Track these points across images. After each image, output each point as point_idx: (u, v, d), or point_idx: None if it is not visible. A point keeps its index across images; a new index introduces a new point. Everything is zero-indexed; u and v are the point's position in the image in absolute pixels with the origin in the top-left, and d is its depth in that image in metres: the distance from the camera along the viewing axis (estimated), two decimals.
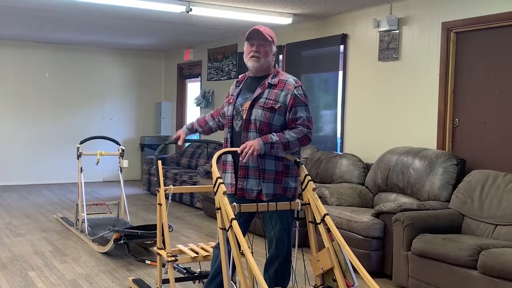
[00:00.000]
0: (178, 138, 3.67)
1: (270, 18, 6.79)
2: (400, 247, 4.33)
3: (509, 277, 3.48)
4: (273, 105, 3.16)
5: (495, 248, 3.75)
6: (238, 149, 3.10)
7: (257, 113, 3.17)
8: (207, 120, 3.67)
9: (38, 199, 8.59)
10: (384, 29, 5.89)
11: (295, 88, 3.18)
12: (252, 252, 2.72)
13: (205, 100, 9.67)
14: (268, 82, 3.22)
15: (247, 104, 3.22)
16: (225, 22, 7.36)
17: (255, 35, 3.23)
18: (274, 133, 3.12)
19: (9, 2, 6.39)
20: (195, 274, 4.16)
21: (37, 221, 6.91)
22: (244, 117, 3.21)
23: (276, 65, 3.35)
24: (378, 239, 4.70)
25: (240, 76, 3.45)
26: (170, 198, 3.77)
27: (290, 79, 3.24)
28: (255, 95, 3.21)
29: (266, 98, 3.18)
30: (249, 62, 3.26)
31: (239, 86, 3.37)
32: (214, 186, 2.86)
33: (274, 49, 3.29)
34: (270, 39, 3.24)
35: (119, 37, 9.32)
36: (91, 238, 5.75)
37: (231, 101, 3.35)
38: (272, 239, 3.25)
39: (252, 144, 3.05)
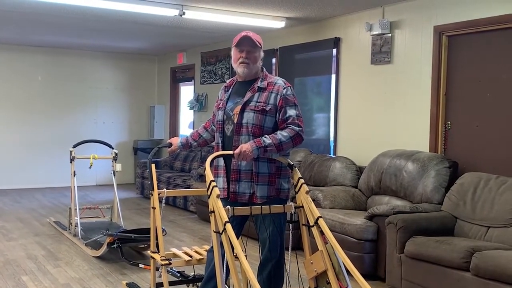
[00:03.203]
0: (171, 144, 3.71)
1: (263, 22, 6.81)
2: (393, 249, 4.35)
3: (501, 279, 3.50)
4: (264, 107, 3.18)
5: (488, 250, 3.77)
6: (232, 152, 3.11)
7: (248, 116, 3.19)
8: (200, 133, 3.67)
9: (30, 203, 8.55)
10: (377, 32, 5.92)
11: (284, 89, 3.22)
12: (245, 255, 2.72)
13: (199, 103, 9.67)
14: (258, 86, 3.25)
15: (237, 108, 3.24)
16: (218, 26, 7.37)
17: (245, 41, 3.26)
18: (266, 136, 3.13)
19: (0, 5, 6.37)
20: (189, 278, 4.16)
21: (30, 225, 6.88)
22: (235, 121, 3.23)
23: (264, 68, 3.37)
24: (371, 241, 4.72)
25: (228, 81, 3.48)
26: (163, 201, 3.77)
27: (279, 81, 3.28)
28: (245, 99, 3.23)
29: (257, 101, 3.21)
30: (239, 68, 3.28)
31: (228, 91, 3.39)
32: (207, 190, 2.86)
33: (262, 54, 3.34)
34: (259, 45, 3.28)
35: (112, 41, 9.31)
36: (84, 242, 5.73)
37: (220, 105, 3.37)
38: (265, 241, 3.25)
39: (246, 149, 3.05)
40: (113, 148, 6.48)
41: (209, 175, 2.90)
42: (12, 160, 10.07)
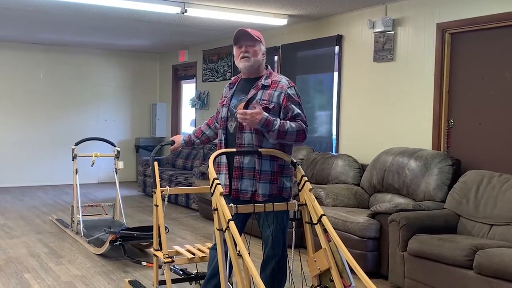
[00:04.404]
0: (173, 142, 3.71)
1: (265, 19, 6.80)
2: (396, 247, 4.34)
3: (504, 277, 3.50)
4: (267, 105, 3.18)
5: (491, 248, 3.76)
6: (235, 150, 3.10)
7: None
8: (203, 130, 3.67)
9: (32, 201, 8.56)
10: (379, 30, 5.91)
11: (288, 88, 3.22)
12: (248, 253, 2.72)
13: (200, 101, 9.67)
14: (262, 84, 3.24)
15: (241, 106, 3.23)
16: (220, 23, 7.36)
17: (242, 37, 3.26)
18: (278, 119, 3.10)
19: (2, 3, 6.37)
20: (192, 275, 4.16)
21: (32, 223, 6.89)
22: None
23: (268, 66, 3.37)
24: (374, 239, 4.71)
25: (232, 78, 3.47)
26: (166, 199, 3.76)
27: (283, 79, 3.27)
28: (249, 96, 3.23)
29: (260, 99, 3.20)
30: (240, 64, 3.28)
31: (232, 88, 3.39)
32: (211, 187, 2.86)
33: (263, 48, 3.31)
34: (257, 38, 3.26)
35: (114, 38, 9.30)
36: (87, 239, 5.73)
37: (224, 102, 3.36)
38: (267, 239, 3.25)
39: (257, 116, 3.00)
40: (115, 146, 6.48)
41: (212, 173, 2.90)
42: (14, 158, 10.08)
